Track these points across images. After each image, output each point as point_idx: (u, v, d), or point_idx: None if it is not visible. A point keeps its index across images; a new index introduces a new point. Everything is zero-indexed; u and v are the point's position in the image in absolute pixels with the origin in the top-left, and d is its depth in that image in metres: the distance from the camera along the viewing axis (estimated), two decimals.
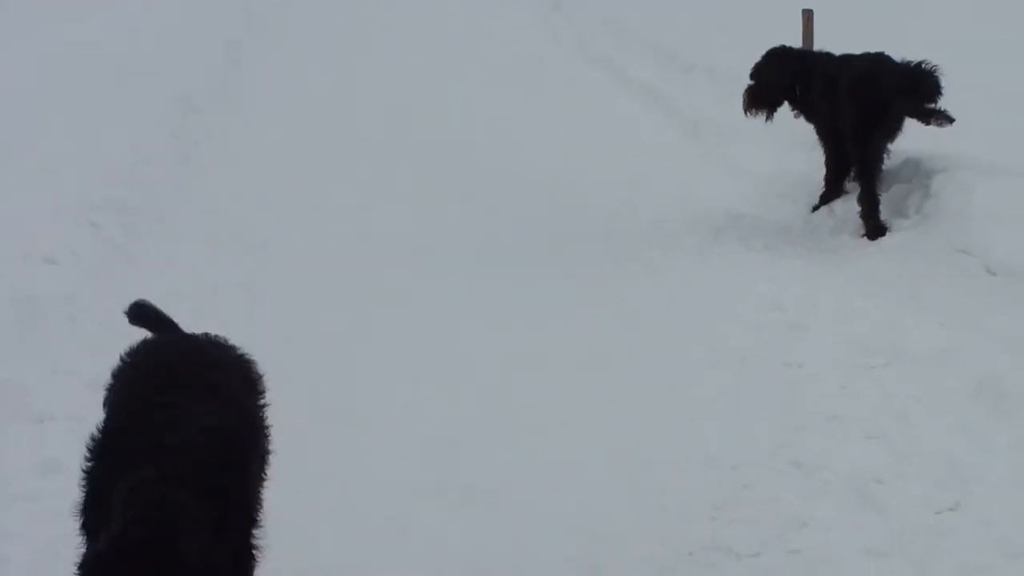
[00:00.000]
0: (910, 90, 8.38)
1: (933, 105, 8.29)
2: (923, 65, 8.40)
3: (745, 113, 9.56)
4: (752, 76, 9.45)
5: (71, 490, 3.68)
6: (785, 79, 9.24)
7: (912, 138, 8.78)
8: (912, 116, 8.45)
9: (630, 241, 9.07)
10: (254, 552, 3.83)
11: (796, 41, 10.63)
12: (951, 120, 8.20)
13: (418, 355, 7.05)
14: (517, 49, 17.62)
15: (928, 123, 8.33)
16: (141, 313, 4.70)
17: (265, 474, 4.16)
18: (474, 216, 9.82)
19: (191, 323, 4.67)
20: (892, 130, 8.63)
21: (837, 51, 9.21)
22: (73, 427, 5.88)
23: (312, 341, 7.30)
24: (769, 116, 9.48)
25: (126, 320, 6.93)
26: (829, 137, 9.13)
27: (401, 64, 16.63)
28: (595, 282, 8.21)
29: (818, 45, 10.38)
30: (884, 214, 8.59)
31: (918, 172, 8.82)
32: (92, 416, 3.97)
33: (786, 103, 9.40)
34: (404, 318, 7.65)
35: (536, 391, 6.52)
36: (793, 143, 10.31)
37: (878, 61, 8.69)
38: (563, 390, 6.53)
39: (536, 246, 9.06)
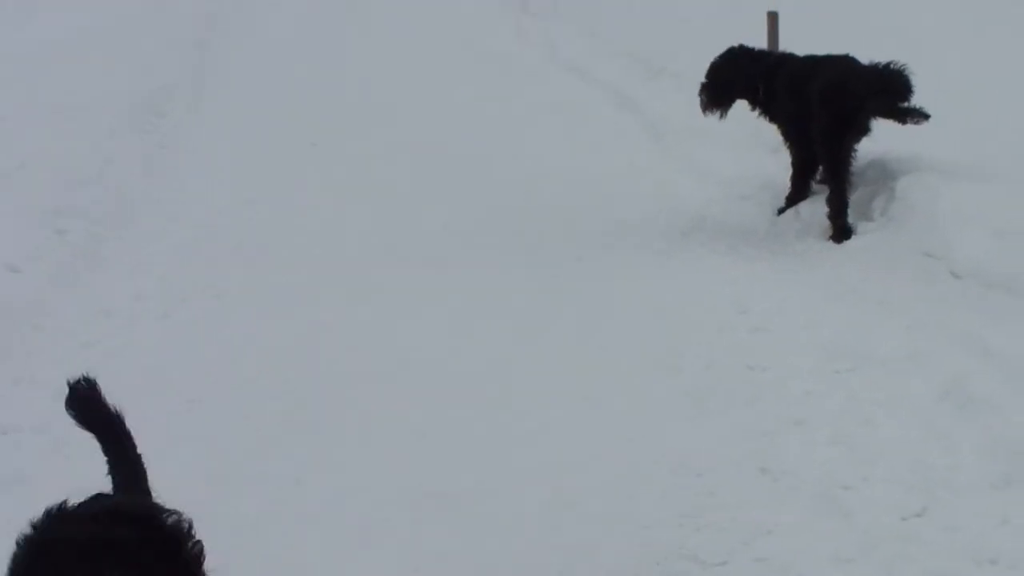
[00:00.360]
0: (881, 91, 8.41)
1: (906, 104, 8.34)
2: (892, 65, 8.42)
3: (703, 112, 9.56)
4: (708, 75, 9.45)
5: (36, 502, 3.64)
6: (750, 79, 9.23)
7: (877, 140, 8.81)
8: (887, 117, 8.47)
9: (596, 244, 9.06)
10: None
11: (762, 43, 10.65)
12: (927, 117, 8.26)
13: (391, 360, 7.04)
14: (493, 59, 17.57)
15: (904, 122, 8.38)
16: (81, 406, 3.58)
17: None
18: (443, 219, 9.82)
19: (159, 331, 4.63)
20: (862, 132, 8.66)
21: (801, 53, 9.22)
22: (38, 439, 5.85)
23: (282, 347, 7.29)
24: (723, 114, 9.49)
25: (90, 328, 6.91)
26: (795, 138, 9.12)
27: (377, 75, 16.54)
28: (559, 287, 8.20)
29: (783, 47, 10.40)
30: (850, 217, 8.60)
31: (883, 174, 8.83)
32: (57, 427, 3.93)
33: (744, 102, 9.40)
34: (377, 324, 7.63)
35: (504, 398, 6.50)
36: (759, 144, 10.33)
37: (846, 64, 8.71)
38: (529, 396, 6.51)
39: (502, 250, 9.05)
